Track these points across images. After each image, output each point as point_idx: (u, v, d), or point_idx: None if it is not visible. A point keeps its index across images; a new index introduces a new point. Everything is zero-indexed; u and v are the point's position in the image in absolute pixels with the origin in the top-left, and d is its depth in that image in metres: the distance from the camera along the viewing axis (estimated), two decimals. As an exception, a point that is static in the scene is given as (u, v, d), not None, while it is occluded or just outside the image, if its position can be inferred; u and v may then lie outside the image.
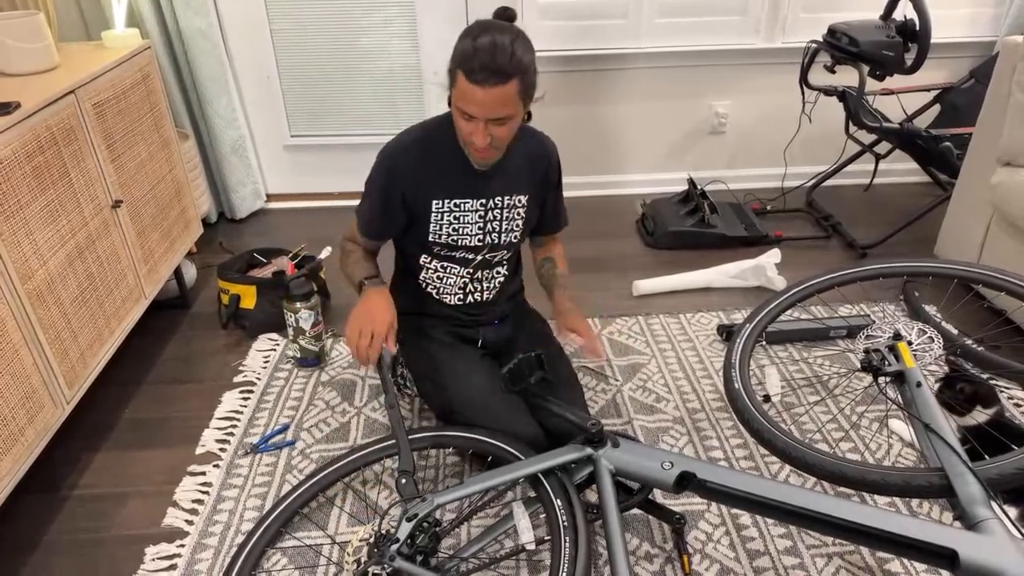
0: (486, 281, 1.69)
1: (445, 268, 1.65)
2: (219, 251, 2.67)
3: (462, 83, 1.35)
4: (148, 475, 1.69)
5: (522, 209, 1.63)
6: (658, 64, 2.87)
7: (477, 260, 1.64)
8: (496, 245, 1.64)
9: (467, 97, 1.36)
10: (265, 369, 2.03)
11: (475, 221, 1.59)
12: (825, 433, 1.74)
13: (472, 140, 1.41)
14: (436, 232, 1.59)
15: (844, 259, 2.54)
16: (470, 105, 1.36)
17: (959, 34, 2.87)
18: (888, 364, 1.41)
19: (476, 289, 1.69)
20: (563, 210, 1.79)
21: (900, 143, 2.51)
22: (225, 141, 2.73)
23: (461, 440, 1.57)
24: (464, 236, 1.60)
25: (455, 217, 1.57)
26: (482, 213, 1.58)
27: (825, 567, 1.42)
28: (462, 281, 1.67)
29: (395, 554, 1.27)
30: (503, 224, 1.62)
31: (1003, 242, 2.09)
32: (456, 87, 1.38)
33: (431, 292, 1.70)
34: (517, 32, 1.39)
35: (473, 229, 1.59)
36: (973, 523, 1.12)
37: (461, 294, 1.69)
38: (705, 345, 2.09)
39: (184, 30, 2.50)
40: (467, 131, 1.42)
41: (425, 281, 1.69)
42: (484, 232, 1.61)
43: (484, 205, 1.58)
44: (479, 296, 1.70)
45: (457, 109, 1.41)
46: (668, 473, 1.30)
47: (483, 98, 1.34)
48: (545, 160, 1.65)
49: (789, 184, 3.04)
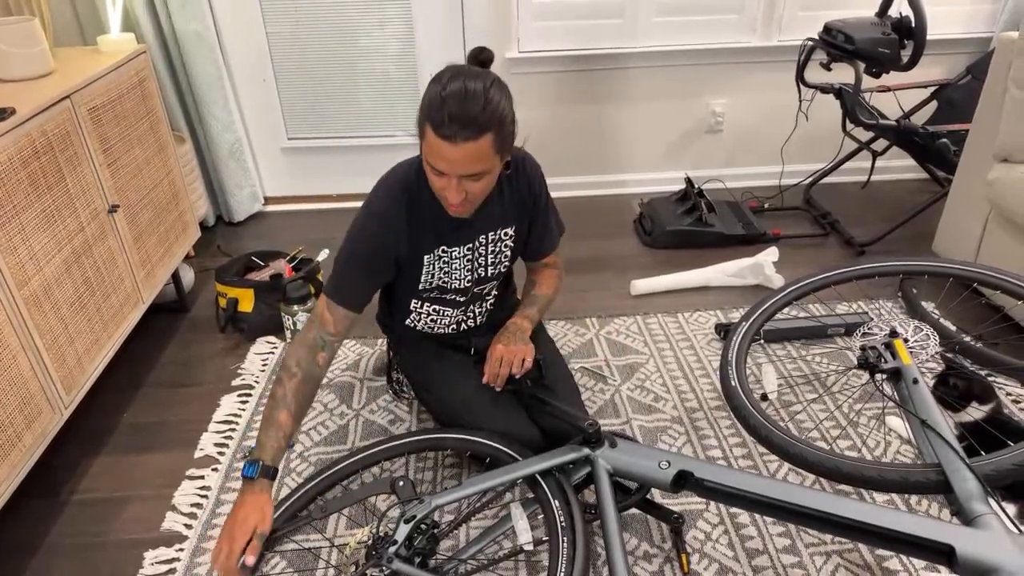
0: (478, 309, 1.66)
1: (437, 311, 1.61)
2: (217, 254, 2.67)
3: (431, 137, 1.23)
4: (147, 479, 1.69)
5: (509, 240, 1.56)
6: (655, 63, 2.87)
7: (468, 297, 1.60)
8: (484, 278, 1.58)
9: (436, 153, 1.24)
10: (263, 372, 2.03)
11: (463, 265, 1.53)
12: (822, 430, 1.74)
13: (444, 196, 1.31)
14: (427, 280, 1.53)
15: (842, 257, 2.54)
16: (439, 161, 1.25)
17: (955, 30, 2.87)
18: (884, 361, 1.41)
19: (469, 318, 1.66)
20: (553, 228, 1.66)
21: (897, 140, 2.51)
22: (222, 144, 2.73)
23: (459, 442, 1.57)
24: (455, 280, 1.54)
25: (444, 262, 1.51)
26: (469, 256, 1.52)
27: (824, 565, 1.41)
28: (456, 317, 1.64)
29: (393, 556, 1.27)
30: (489, 258, 1.55)
31: (1000, 238, 2.09)
32: (425, 141, 1.26)
33: (421, 329, 1.66)
34: (492, 78, 1.27)
35: (462, 272, 1.54)
36: (970, 519, 1.12)
37: (455, 326, 1.66)
38: (703, 344, 2.09)
39: (180, 34, 2.50)
40: (439, 187, 1.31)
41: (414, 322, 1.65)
42: (473, 271, 1.55)
43: (471, 248, 1.52)
44: (472, 323, 1.68)
45: (427, 164, 1.29)
46: (665, 472, 1.30)
47: (453, 154, 1.22)
48: (527, 187, 1.53)
49: (787, 182, 3.04)
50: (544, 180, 1.58)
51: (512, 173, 1.50)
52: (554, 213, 1.66)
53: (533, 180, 1.54)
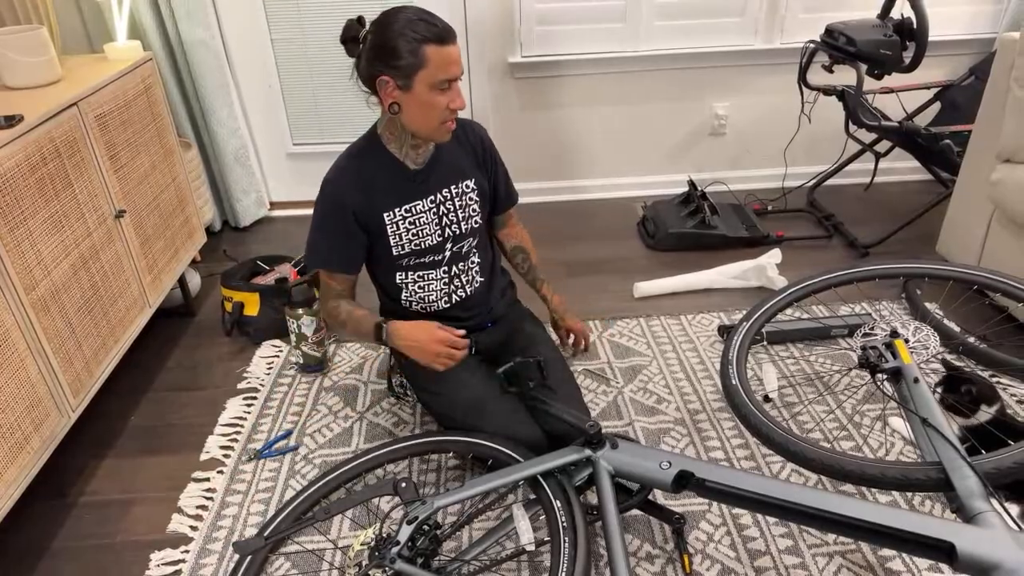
0: (464, 275, 1.70)
1: (423, 277, 1.66)
2: (223, 259, 2.70)
3: (436, 53, 1.38)
4: (153, 482, 1.71)
5: (472, 193, 1.65)
6: (657, 67, 2.88)
7: (448, 256, 1.66)
8: (459, 235, 1.65)
9: (447, 61, 1.40)
10: (268, 376, 2.04)
11: (431, 220, 1.60)
12: (824, 430, 1.74)
13: (453, 108, 1.45)
14: (398, 244, 1.60)
15: (845, 258, 2.54)
16: (452, 68, 1.41)
17: (958, 31, 2.86)
18: (885, 361, 1.41)
19: (458, 286, 1.69)
20: (511, 184, 1.82)
21: (900, 141, 2.51)
22: (228, 150, 2.76)
23: (461, 445, 1.58)
24: (425, 238, 1.61)
25: (411, 223, 1.59)
26: (435, 210, 1.60)
27: (827, 566, 1.41)
28: (443, 283, 1.68)
29: (395, 556, 1.28)
30: (459, 213, 1.63)
31: (1004, 239, 2.09)
32: (429, 64, 1.39)
33: (418, 309, 1.70)
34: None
35: (431, 228, 1.61)
36: (971, 516, 1.12)
37: (447, 296, 1.69)
38: (706, 346, 2.09)
39: (186, 41, 2.53)
40: (445, 103, 1.44)
41: (408, 300, 1.68)
42: (442, 227, 1.62)
43: (434, 202, 1.60)
44: (464, 292, 1.70)
45: (432, 87, 1.41)
46: (666, 473, 1.31)
47: (456, 55, 1.42)
48: (477, 142, 1.67)
49: (790, 184, 3.04)
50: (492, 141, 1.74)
51: (461, 131, 1.64)
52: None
53: (484, 136, 1.69)
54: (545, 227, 2.85)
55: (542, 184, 3.09)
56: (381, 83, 1.44)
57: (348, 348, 2.14)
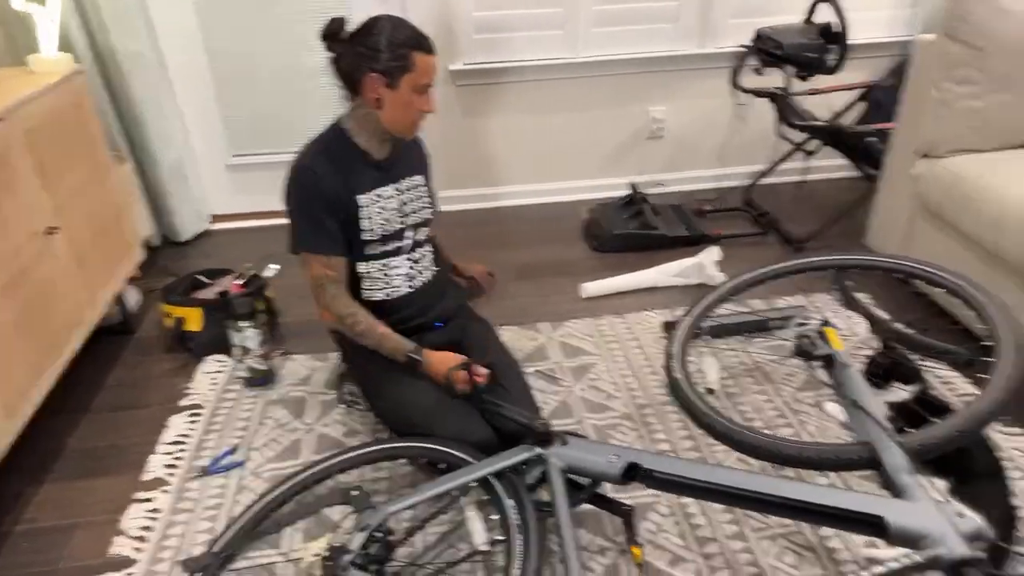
0: (423, 261, 1.78)
1: (386, 265, 1.71)
2: (164, 275, 2.63)
3: (421, 60, 1.53)
4: (95, 504, 1.66)
5: (423, 188, 1.77)
6: (597, 73, 2.94)
7: (409, 243, 1.74)
8: (419, 224, 1.75)
9: (429, 68, 1.56)
10: (213, 391, 2.00)
11: (395, 207, 1.69)
12: (765, 418, 1.81)
13: (426, 110, 1.60)
14: (369, 227, 1.65)
15: (781, 254, 2.63)
16: (431, 73, 1.57)
17: (879, 34, 3.01)
18: (817, 348, 1.47)
19: (418, 272, 1.76)
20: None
21: (828, 140, 2.62)
22: (165, 163, 2.70)
23: (412, 450, 1.58)
24: (391, 223, 1.68)
25: (380, 207, 1.66)
26: (399, 197, 1.70)
27: (770, 548, 1.47)
28: (406, 268, 1.73)
29: (348, 565, 1.27)
30: (416, 203, 1.74)
31: (925, 230, 2.20)
32: (414, 68, 1.53)
33: (381, 298, 1.72)
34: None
35: (395, 215, 1.69)
36: (899, 491, 1.18)
37: (409, 281, 1.74)
38: (651, 342, 2.14)
39: (117, 52, 2.47)
40: (419, 104, 1.58)
41: (371, 290, 1.71)
42: (403, 215, 1.71)
43: (398, 189, 1.70)
44: (423, 279, 1.77)
45: (412, 90, 1.55)
46: (615, 465, 1.34)
47: (437, 64, 1.58)
48: (421, 146, 1.83)
49: (727, 184, 3.14)
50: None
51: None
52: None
53: (422, 142, 1.83)
54: (492, 232, 2.87)
55: (488, 190, 3.11)
56: (369, 79, 1.54)
57: (295, 360, 2.12)
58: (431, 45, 1.56)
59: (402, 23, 1.55)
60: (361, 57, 1.53)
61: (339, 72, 1.59)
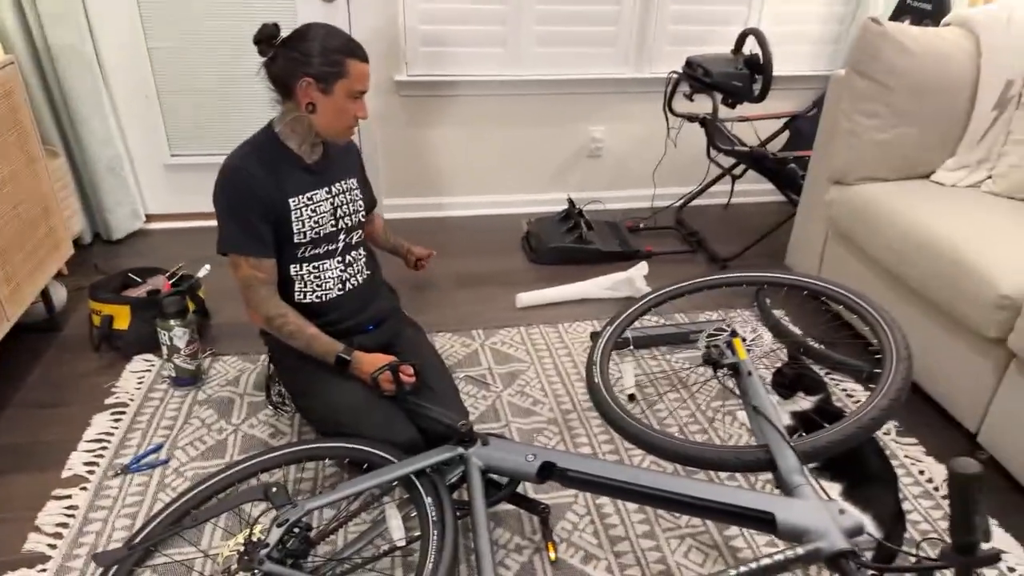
0: (356, 264, 1.80)
1: (318, 267, 1.72)
2: (93, 273, 2.58)
3: (354, 67, 1.57)
4: (9, 501, 1.62)
5: (356, 191, 1.80)
6: (538, 91, 3.03)
7: (341, 247, 1.76)
8: (351, 227, 1.78)
9: (362, 75, 1.59)
10: (139, 390, 1.99)
11: (328, 209, 1.71)
12: (677, 421, 1.90)
13: (358, 116, 1.63)
14: (300, 230, 1.66)
15: (707, 271, 2.75)
16: (365, 81, 1.60)
17: (803, 68, 3.19)
18: (725, 357, 1.56)
19: (351, 275, 1.78)
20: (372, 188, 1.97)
21: (753, 165, 2.76)
22: (100, 160, 2.66)
23: (336, 451, 1.60)
24: (324, 226, 1.71)
25: (312, 210, 1.68)
26: (331, 200, 1.72)
27: (678, 547, 1.54)
28: (338, 271, 1.75)
29: (264, 558, 1.29)
30: (349, 206, 1.77)
31: (837, 251, 2.35)
32: (348, 75, 1.57)
33: (313, 300, 1.73)
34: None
35: (328, 217, 1.71)
36: (790, 490, 1.27)
37: (341, 284, 1.76)
38: (580, 351, 2.22)
39: (53, 46, 2.43)
40: (353, 111, 1.61)
41: (303, 292, 1.72)
42: (336, 218, 1.73)
43: (330, 192, 1.72)
44: (355, 281, 1.79)
45: (345, 96, 1.58)
46: (531, 464, 1.39)
47: (369, 72, 1.62)
48: (353, 149, 1.86)
49: (660, 204, 3.27)
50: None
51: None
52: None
53: (355, 146, 1.88)
54: (433, 241, 2.88)
55: (431, 200, 3.16)
56: (302, 84, 1.56)
57: (224, 361, 2.12)
58: (364, 53, 1.60)
59: (335, 31, 1.57)
60: (294, 62, 1.55)
61: (271, 76, 1.60)
